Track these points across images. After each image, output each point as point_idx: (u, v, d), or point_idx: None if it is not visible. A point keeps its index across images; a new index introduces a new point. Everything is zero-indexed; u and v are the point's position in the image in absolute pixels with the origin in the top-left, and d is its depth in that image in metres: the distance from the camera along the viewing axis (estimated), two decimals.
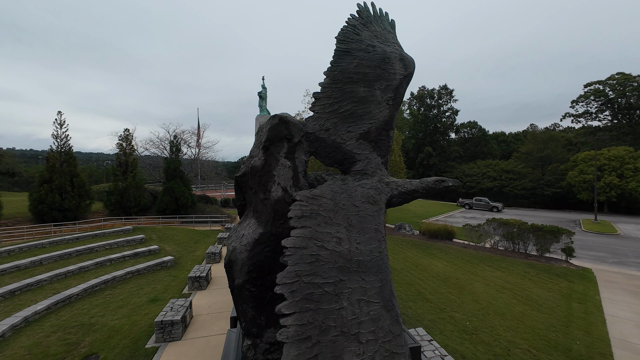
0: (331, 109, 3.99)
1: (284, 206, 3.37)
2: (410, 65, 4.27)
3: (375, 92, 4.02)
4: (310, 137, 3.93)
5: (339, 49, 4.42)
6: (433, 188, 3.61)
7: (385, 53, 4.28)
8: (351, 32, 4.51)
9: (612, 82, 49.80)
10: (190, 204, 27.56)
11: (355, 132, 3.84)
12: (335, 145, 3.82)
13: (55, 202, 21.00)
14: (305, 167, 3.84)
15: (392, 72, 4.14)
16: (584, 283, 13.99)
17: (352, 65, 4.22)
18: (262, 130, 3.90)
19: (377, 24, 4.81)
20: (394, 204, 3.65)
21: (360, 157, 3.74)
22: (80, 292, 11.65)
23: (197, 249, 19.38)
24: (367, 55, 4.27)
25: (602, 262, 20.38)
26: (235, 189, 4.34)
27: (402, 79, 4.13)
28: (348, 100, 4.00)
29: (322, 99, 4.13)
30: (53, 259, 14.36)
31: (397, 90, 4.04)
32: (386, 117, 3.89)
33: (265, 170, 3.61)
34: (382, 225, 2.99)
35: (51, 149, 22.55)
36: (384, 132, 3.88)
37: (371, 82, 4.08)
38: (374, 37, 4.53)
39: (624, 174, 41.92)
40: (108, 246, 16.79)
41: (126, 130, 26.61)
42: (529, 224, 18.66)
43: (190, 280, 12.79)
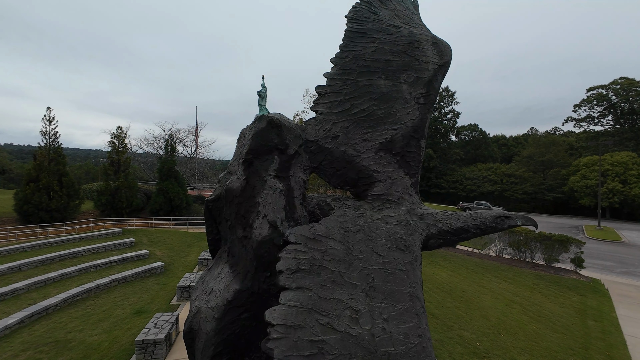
0: (340, 108, 3.03)
1: (271, 251, 2.38)
2: (447, 52, 3.29)
3: (400, 87, 3.02)
4: (311, 147, 2.98)
5: (351, 29, 3.44)
6: (492, 228, 2.74)
7: (412, 35, 3.29)
8: (366, 10, 3.52)
9: (616, 87, 49.23)
10: (185, 205, 26.65)
11: (374, 141, 2.83)
12: (346, 159, 2.86)
13: (42, 202, 20.05)
14: (303, 190, 2.81)
15: (424, 60, 3.14)
16: (597, 297, 13.24)
17: (369, 50, 3.24)
18: (243, 137, 2.89)
19: (396, 2, 3.84)
20: (431, 247, 2.73)
21: (381, 177, 2.75)
22: (59, 303, 10.78)
23: (189, 253, 18.51)
24: (389, 37, 3.28)
25: (610, 272, 19.68)
26: (206, 217, 3.30)
27: (436, 70, 3.13)
28: (364, 96, 3.02)
29: (329, 94, 3.15)
30: (34, 265, 13.46)
31: (430, 84, 3.04)
32: (416, 120, 2.89)
33: (246, 195, 2.62)
34: (419, 286, 2.06)
35: (39, 146, 21.61)
36: (413, 142, 2.88)
37: (395, 72, 3.11)
38: (395, 16, 3.55)
39: (628, 180, 41.31)
40: (95, 250, 15.89)
41: (119, 127, 25.68)
42: (536, 232, 17.90)
43: (179, 290, 11.94)
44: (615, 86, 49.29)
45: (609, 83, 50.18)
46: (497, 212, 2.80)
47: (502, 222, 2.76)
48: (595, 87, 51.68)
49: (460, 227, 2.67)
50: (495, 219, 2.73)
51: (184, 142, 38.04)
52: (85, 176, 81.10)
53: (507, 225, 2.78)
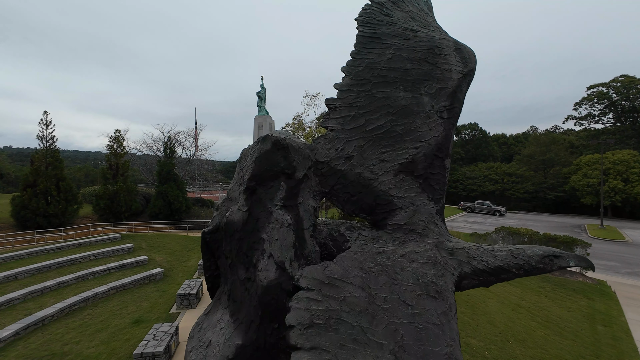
0: (354, 124, 2.70)
1: (279, 297, 2.06)
2: (472, 59, 2.99)
3: (421, 99, 2.69)
4: (322, 169, 2.65)
5: (363, 34, 3.08)
6: (539, 269, 2.45)
7: (432, 40, 2.94)
8: (378, 12, 3.17)
9: (616, 85, 49.05)
10: (185, 208, 26.38)
11: (393, 162, 2.50)
12: (361, 183, 2.52)
13: (40, 207, 19.78)
14: (314, 219, 2.47)
15: (446, 68, 2.82)
16: (605, 301, 13.00)
17: (384, 57, 2.90)
18: (245, 159, 2.58)
19: (410, 3, 3.47)
20: (464, 288, 2.41)
21: (402, 203, 2.41)
22: (55, 313, 10.51)
23: (189, 258, 18.25)
24: (406, 43, 2.93)
25: (615, 272, 19.49)
26: (203, 251, 2.96)
27: (460, 80, 2.81)
28: (381, 111, 2.68)
29: (340, 108, 2.82)
30: (30, 273, 13.19)
31: (454, 96, 2.74)
32: (440, 137, 2.60)
33: (248, 229, 2.28)
34: (457, 343, 1.74)
35: (36, 150, 21.34)
36: (437, 162, 2.57)
37: (415, 83, 2.76)
38: (409, 18, 3.18)
39: (629, 179, 41.09)
40: (93, 257, 15.62)
41: (117, 131, 25.40)
42: (540, 234, 17.67)
43: (179, 298, 11.69)
44: (615, 84, 49.11)
45: (610, 81, 50.00)
46: (544, 250, 2.47)
47: (551, 263, 2.47)
48: (595, 85, 51.49)
49: (499, 266, 2.33)
50: (543, 258, 2.42)
51: (183, 145, 37.71)
52: (85, 178, 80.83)
53: (556, 266, 2.49)
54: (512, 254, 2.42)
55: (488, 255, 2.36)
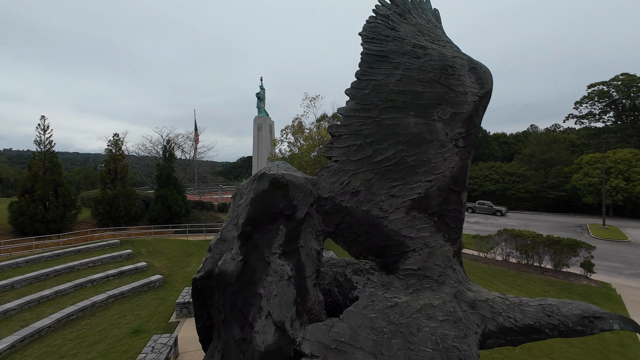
0: (361, 154, 2.41)
1: None
2: (488, 80, 2.71)
3: (434, 126, 2.42)
4: (325, 206, 2.37)
5: (369, 51, 2.81)
6: (577, 331, 2.25)
7: (445, 59, 2.66)
8: (384, 26, 2.83)
9: (617, 83, 48.84)
10: (184, 212, 26.21)
11: (405, 198, 2.23)
12: (369, 222, 2.26)
13: (38, 213, 19.58)
14: (317, 264, 2.17)
15: (461, 90, 2.54)
16: (611, 305, 12.81)
17: (392, 78, 2.60)
18: (240, 196, 2.35)
19: (417, 14, 3.15)
20: (488, 347, 2.18)
21: (415, 244, 2.15)
22: (52, 324, 10.34)
23: (189, 263, 18.09)
24: (417, 62, 2.64)
25: (619, 274, 19.32)
26: (194, 298, 2.70)
27: (476, 103, 2.55)
28: (390, 139, 2.40)
29: (346, 137, 2.54)
30: (27, 282, 13.01)
31: (470, 121, 2.48)
32: (455, 168, 2.34)
33: (243, 281, 2.03)
34: None
35: (34, 156, 21.16)
36: (453, 196, 2.33)
37: (427, 107, 2.48)
38: (418, 33, 2.88)
39: (631, 177, 40.89)
40: (91, 264, 15.44)
41: (115, 135, 25.22)
42: (544, 236, 17.47)
43: (178, 306, 11.51)
44: (616, 82, 48.91)
45: (610, 79, 49.78)
46: (582, 309, 2.24)
47: (591, 325, 2.25)
48: (596, 84, 51.28)
49: (528, 324, 2.07)
50: (581, 319, 2.20)
51: (182, 148, 37.49)
52: (85, 181, 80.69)
53: (597, 329, 2.28)
54: (544, 310, 2.18)
55: (515, 311, 2.13)
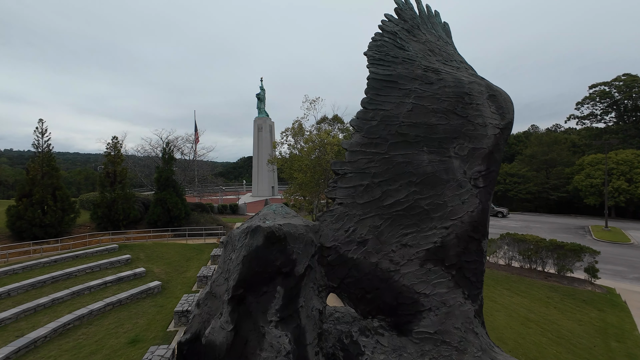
0: (368, 196, 2.17)
1: None
2: (509, 109, 2.45)
3: (451, 164, 2.19)
4: (329, 257, 2.12)
5: (376, 76, 2.52)
6: None
7: (461, 85, 2.40)
8: (391, 45, 2.60)
9: (619, 84, 48.61)
10: (184, 215, 26.01)
11: (419, 248, 1.99)
12: (379, 276, 1.99)
13: (36, 217, 19.39)
14: (319, 325, 1.93)
15: (480, 122, 2.30)
16: (616, 312, 12.61)
17: (403, 108, 2.34)
18: (232, 246, 2.08)
19: (426, 30, 2.94)
20: None
21: (431, 303, 1.92)
22: (48, 334, 10.14)
23: (188, 268, 17.89)
24: (429, 89, 2.38)
25: (623, 278, 19.14)
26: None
27: (497, 137, 2.35)
28: (401, 179, 2.15)
29: (351, 175, 2.26)
30: (24, 289, 12.83)
31: (491, 158, 2.30)
32: (475, 213, 2.13)
33: (234, 355, 1.82)
34: None
35: (31, 159, 20.98)
36: (473, 245, 2.10)
37: (442, 142, 2.24)
38: (429, 52, 2.65)
39: (633, 179, 40.67)
40: (89, 270, 15.26)
41: (114, 138, 25.03)
42: (547, 241, 17.27)
43: (176, 315, 11.32)
44: (618, 83, 48.68)
45: (612, 80, 49.56)
46: None
47: None
48: (597, 84, 51.06)
49: None
50: None
51: (181, 150, 37.32)
52: (85, 181, 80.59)
53: None
54: None
55: None
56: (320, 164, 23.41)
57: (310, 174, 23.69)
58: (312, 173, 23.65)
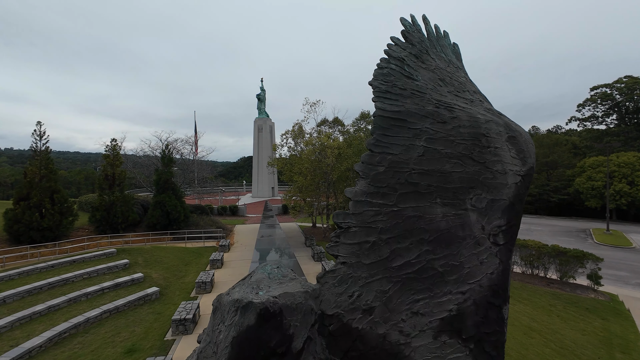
0: (375, 256, 1.92)
1: None
2: (530, 153, 2.23)
3: (467, 218, 1.92)
4: (330, 325, 1.88)
5: (384, 112, 2.23)
6: None
7: (477, 125, 2.13)
8: (399, 74, 2.34)
9: (620, 86, 48.41)
10: (183, 217, 25.83)
11: (432, 317, 1.75)
12: (387, 350, 1.76)
13: (33, 221, 19.22)
14: None
15: (499, 169, 2.01)
16: (620, 322, 12.43)
17: (413, 153, 2.08)
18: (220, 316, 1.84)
19: (436, 54, 2.69)
20: None
21: None
22: (43, 343, 9.98)
23: (187, 273, 17.72)
24: (442, 129, 2.12)
25: (625, 283, 19.01)
26: None
27: (518, 185, 2.04)
28: (412, 236, 1.90)
29: (355, 230, 2.03)
30: (20, 296, 12.66)
31: (512, 210, 1.97)
32: (495, 275, 1.84)
33: None
34: None
35: (29, 162, 20.81)
36: (493, 312, 1.84)
37: (457, 193, 1.97)
38: (439, 82, 2.39)
39: (635, 181, 40.48)
40: (86, 275, 15.09)
41: (113, 140, 24.86)
42: (549, 247, 17.09)
43: (174, 323, 11.14)
44: (619, 85, 48.49)
45: (613, 82, 49.38)
46: None
47: None
48: (599, 86, 50.88)
49: None
50: None
51: (181, 153, 37.11)
52: (85, 181, 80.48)
53: None
54: None
55: None
56: (320, 167, 23.26)
57: (310, 177, 23.54)
58: (312, 176, 23.51)
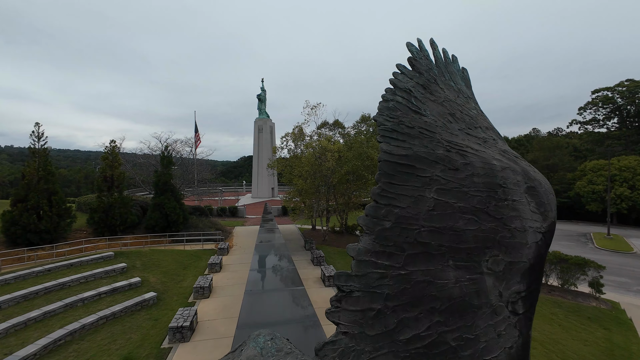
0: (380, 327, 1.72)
1: None
2: (551, 205, 1.97)
3: (483, 283, 1.73)
4: None
5: (390, 157, 1.99)
6: None
7: (492, 173, 1.92)
8: (405, 107, 2.14)
9: (621, 89, 48.29)
10: (182, 220, 25.68)
11: None
12: None
13: (31, 223, 19.07)
14: None
15: (517, 227, 1.81)
16: (622, 332, 12.30)
17: (423, 206, 1.86)
18: None
19: (445, 84, 2.48)
20: None
21: None
22: (38, 351, 9.83)
23: (185, 277, 17.57)
24: (454, 177, 1.90)
25: (627, 290, 18.90)
26: None
27: (539, 245, 1.81)
28: (421, 305, 1.72)
29: (358, 295, 1.82)
30: (15, 301, 12.52)
31: (532, 273, 1.79)
32: (514, 350, 1.65)
33: None
34: None
35: (27, 163, 20.65)
36: None
37: (471, 254, 1.77)
38: (449, 117, 2.20)
39: (636, 185, 40.36)
40: (83, 279, 14.95)
41: (112, 141, 24.72)
42: (550, 253, 16.94)
43: (171, 330, 10.99)
44: (621, 88, 48.37)
45: (615, 85, 49.27)
46: None
47: None
48: (600, 90, 50.76)
49: None
50: None
51: (180, 154, 36.96)
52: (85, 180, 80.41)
53: None
54: None
55: None
56: (321, 170, 23.13)
57: (310, 180, 23.41)
58: (312, 180, 23.38)
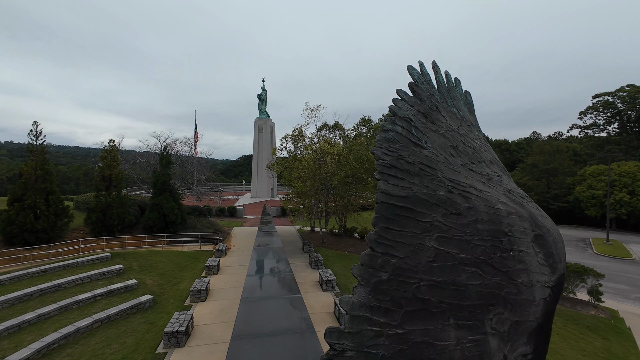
0: None
1: None
2: (561, 256, 1.87)
3: (486, 345, 1.56)
4: None
5: (388, 198, 1.83)
6: None
7: (496, 218, 1.76)
8: (405, 139, 1.96)
9: (622, 94, 48.27)
10: (180, 220, 25.58)
11: None
12: None
13: (27, 222, 18.95)
14: None
15: (524, 281, 1.64)
16: (621, 342, 12.22)
17: (422, 256, 1.68)
18: None
19: (447, 110, 2.33)
20: None
21: None
22: (31, 355, 9.72)
23: (182, 279, 17.47)
24: (456, 224, 1.73)
25: (625, 297, 18.86)
26: None
27: (547, 301, 1.67)
28: None
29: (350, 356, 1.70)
30: (10, 303, 12.40)
31: (540, 333, 1.63)
32: None
33: None
34: None
35: (25, 162, 20.52)
36: None
37: (474, 312, 1.60)
38: (452, 151, 2.04)
39: (635, 191, 40.33)
40: (79, 281, 14.83)
41: (111, 141, 24.58)
42: None
43: (166, 335, 10.89)
44: (622, 93, 48.35)
45: (616, 90, 49.25)
46: None
47: None
48: (601, 94, 50.74)
49: None
50: None
51: (179, 154, 36.82)
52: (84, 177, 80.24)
53: None
54: None
55: None
56: (320, 173, 23.03)
57: (309, 182, 23.31)
58: (311, 182, 23.28)
